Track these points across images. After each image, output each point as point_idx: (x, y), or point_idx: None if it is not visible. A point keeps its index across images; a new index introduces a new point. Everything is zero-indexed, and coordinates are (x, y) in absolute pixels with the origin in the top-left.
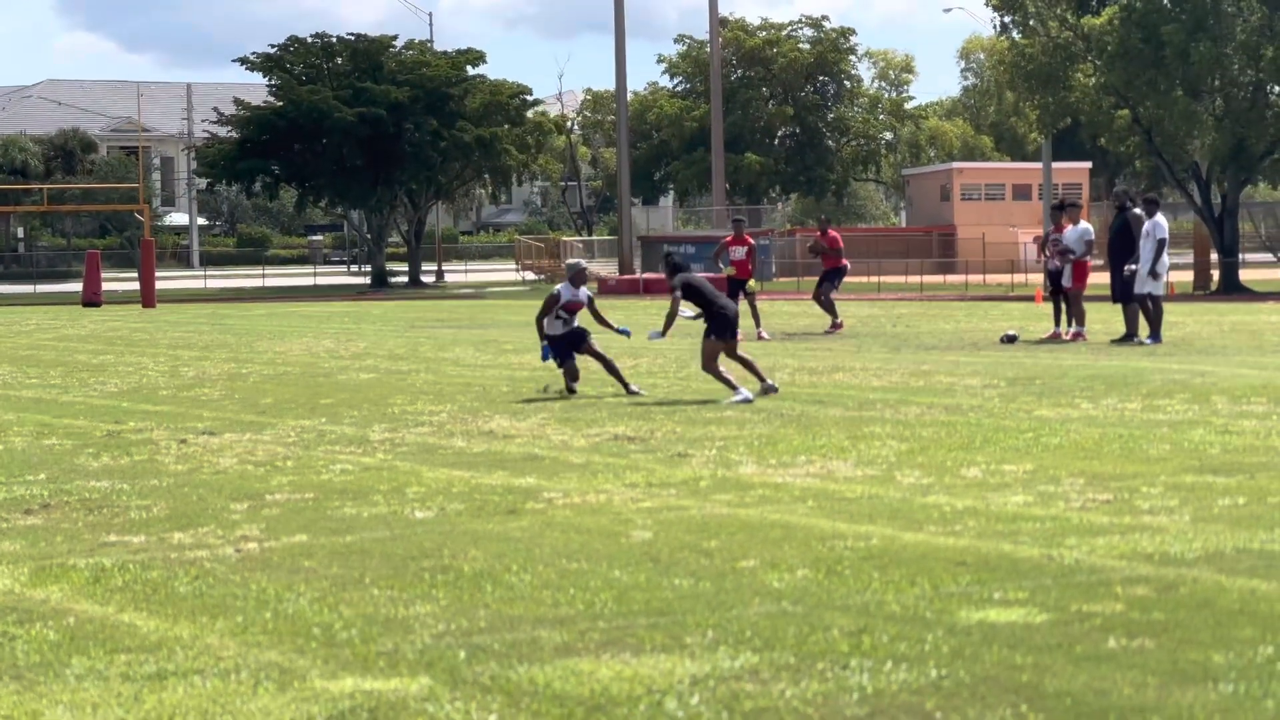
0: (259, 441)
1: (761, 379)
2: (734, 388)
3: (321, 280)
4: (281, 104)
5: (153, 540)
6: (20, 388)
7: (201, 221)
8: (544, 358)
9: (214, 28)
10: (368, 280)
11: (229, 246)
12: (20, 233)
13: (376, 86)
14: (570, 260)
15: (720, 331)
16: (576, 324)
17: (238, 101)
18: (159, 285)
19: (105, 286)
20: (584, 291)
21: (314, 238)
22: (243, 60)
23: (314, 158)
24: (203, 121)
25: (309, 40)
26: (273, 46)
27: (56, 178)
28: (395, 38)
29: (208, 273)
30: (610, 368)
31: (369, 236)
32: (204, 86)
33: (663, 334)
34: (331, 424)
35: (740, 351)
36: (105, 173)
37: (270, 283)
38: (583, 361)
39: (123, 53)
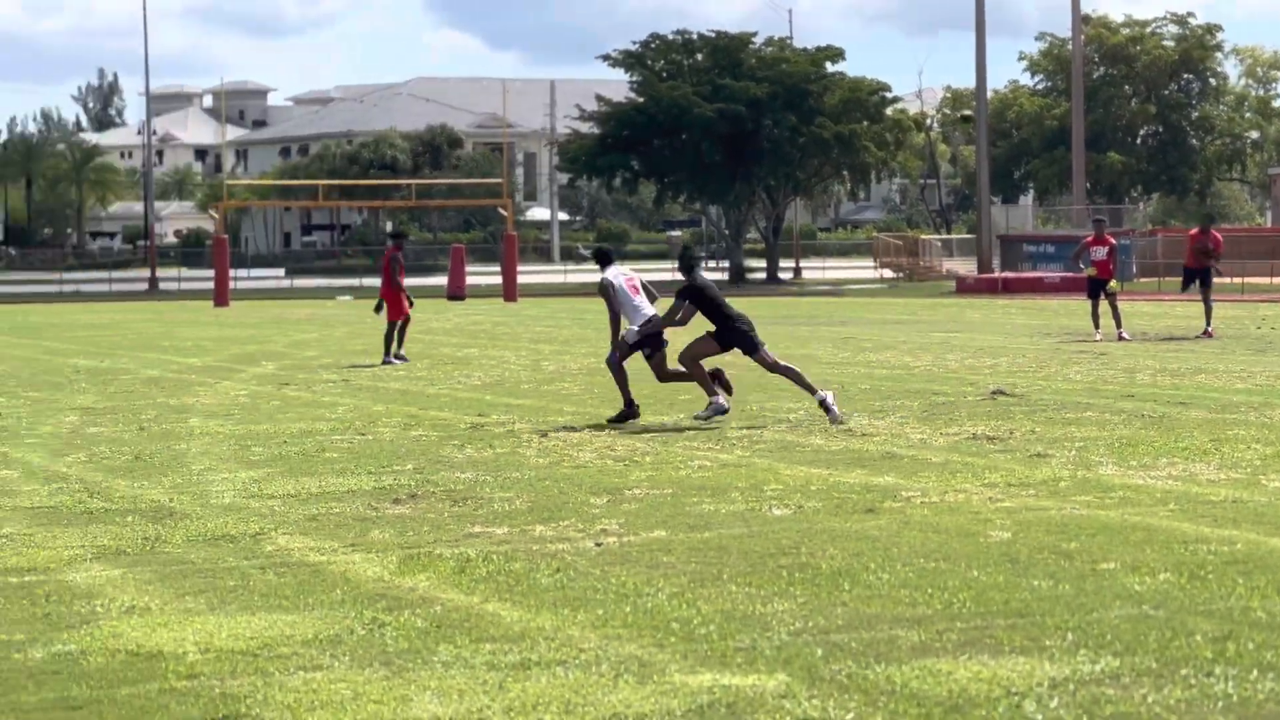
0: (618, 436)
1: (714, 393)
2: (713, 393)
3: (680, 276)
4: (642, 100)
5: (515, 532)
6: (388, 379)
7: (562, 216)
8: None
9: (577, 25)
10: (726, 276)
11: (589, 241)
12: (389, 227)
13: (736, 83)
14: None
15: (729, 344)
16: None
17: (599, 98)
18: (520, 279)
19: (469, 280)
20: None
21: (672, 233)
22: (605, 57)
23: (673, 153)
24: (565, 117)
25: (670, 37)
26: (635, 43)
27: (424, 173)
28: (755, 34)
29: (568, 267)
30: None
31: (727, 232)
32: (567, 83)
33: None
34: (690, 419)
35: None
36: (470, 168)
37: None
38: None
39: (489, 50)
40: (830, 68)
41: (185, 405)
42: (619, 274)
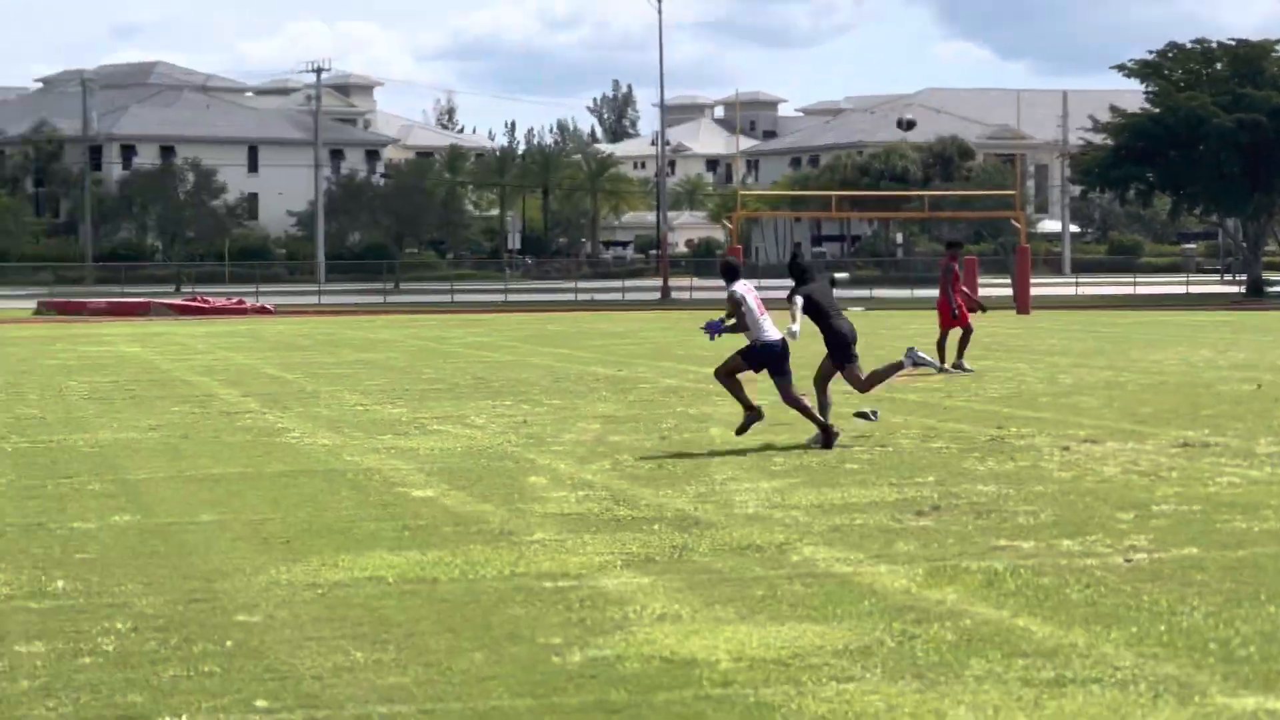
0: (1141, 451)
1: (822, 424)
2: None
3: (1193, 289)
4: (1158, 110)
5: (1042, 546)
6: (905, 391)
7: (1074, 229)
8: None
9: (1090, 35)
10: (1242, 289)
11: (1100, 254)
12: (899, 238)
13: (1257, 92)
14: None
15: (834, 354)
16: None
17: (1113, 108)
18: (1031, 291)
19: (981, 292)
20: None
21: (1186, 246)
22: (1120, 67)
23: (1189, 165)
24: (1077, 129)
25: (1188, 46)
26: (1151, 53)
27: (934, 184)
28: (1278, 42)
29: (1079, 279)
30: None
31: (1244, 245)
32: (1079, 93)
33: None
34: (1215, 435)
35: (829, 386)
36: (981, 180)
37: (1140, 291)
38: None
39: (999, 60)
40: None
41: (704, 415)
42: (747, 287)
